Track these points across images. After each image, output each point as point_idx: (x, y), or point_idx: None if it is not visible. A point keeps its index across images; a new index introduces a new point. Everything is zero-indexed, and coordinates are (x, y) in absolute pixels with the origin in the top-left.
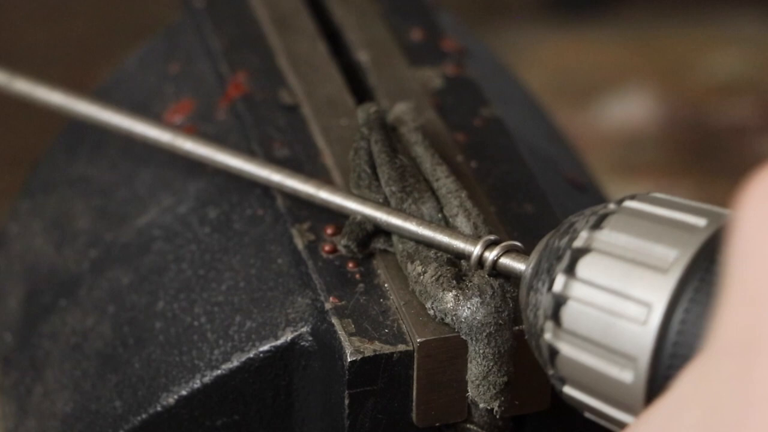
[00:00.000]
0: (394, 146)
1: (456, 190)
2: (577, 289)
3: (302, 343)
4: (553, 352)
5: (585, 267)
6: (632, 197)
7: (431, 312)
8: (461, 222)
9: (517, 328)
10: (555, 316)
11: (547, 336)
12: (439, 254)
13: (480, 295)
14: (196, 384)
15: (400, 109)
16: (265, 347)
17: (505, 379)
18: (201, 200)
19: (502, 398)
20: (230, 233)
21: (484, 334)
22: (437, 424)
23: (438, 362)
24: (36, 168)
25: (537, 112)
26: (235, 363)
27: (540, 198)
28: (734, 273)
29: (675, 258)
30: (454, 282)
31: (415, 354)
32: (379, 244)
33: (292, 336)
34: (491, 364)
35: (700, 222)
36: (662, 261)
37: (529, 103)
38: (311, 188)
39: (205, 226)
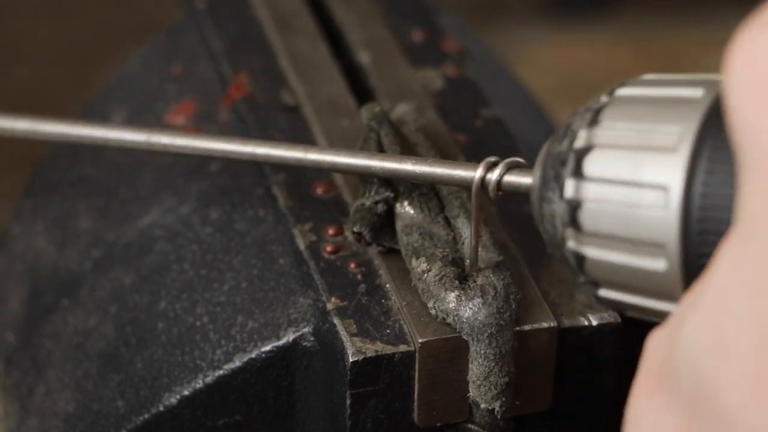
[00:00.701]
0: (404, 142)
1: (457, 191)
2: (589, 190)
3: (304, 344)
4: (580, 258)
5: (591, 165)
6: (622, 84)
7: (433, 312)
8: (462, 223)
9: (517, 328)
10: (573, 221)
11: (570, 244)
12: (444, 252)
13: (482, 296)
14: (198, 384)
15: (401, 110)
16: (267, 347)
17: (506, 379)
18: (203, 201)
19: (503, 398)
20: (232, 233)
21: (486, 334)
22: (438, 424)
23: (439, 362)
24: (38, 168)
25: (537, 112)
26: (237, 363)
27: None
28: (745, 145)
29: (680, 134)
30: (457, 282)
31: (417, 354)
32: (385, 241)
33: (294, 336)
34: (492, 364)
35: (697, 93)
36: (668, 140)
37: (530, 103)
38: (298, 153)
39: (206, 226)
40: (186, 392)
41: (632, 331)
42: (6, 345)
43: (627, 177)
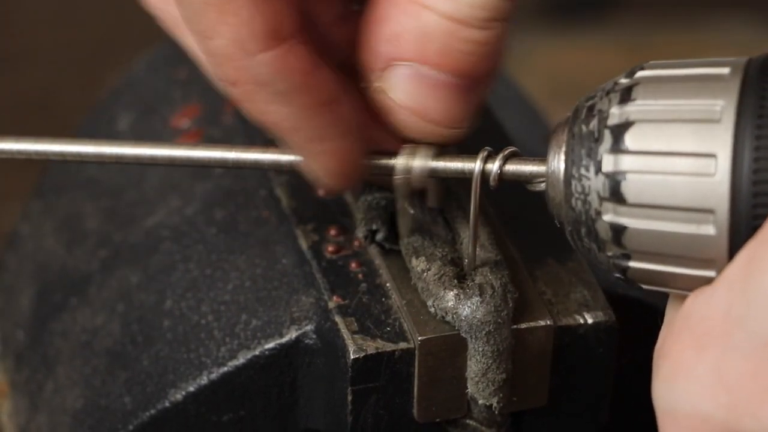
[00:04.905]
0: None
1: (455, 192)
2: (632, 162)
3: (306, 341)
4: (618, 230)
5: (633, 139)
6: (641, 68)
7: (432, 310)
8: (461, 223)
9: (515, 326)
10: (615, 194)
11: (608, 217)
12: (444, 252)
13: (480, 295)
14: (203, 380)
15: None
16: (271, 345)
17: (504, 376)
18: (207, 202)
19: (501, 395)
20: (236, 234)
21: (484, 332)
22: (437, 420)
23: (438, 360)
24: (47, 170)
25: (534, 115)
26: (241, 360)
27: (537, 199)
28: None
29: (723, 106)
30: (456, 281)
31: (416, 352)
32: (387, 242)
33: (297, 334)
34: (490, 361)
35: (723, 70)
36: (711, 112)
37: (525, 106)
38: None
39: (211, 226)
40: (191, 388)
41: (626, 330)
42: (16, 342)
43: (671, 148)
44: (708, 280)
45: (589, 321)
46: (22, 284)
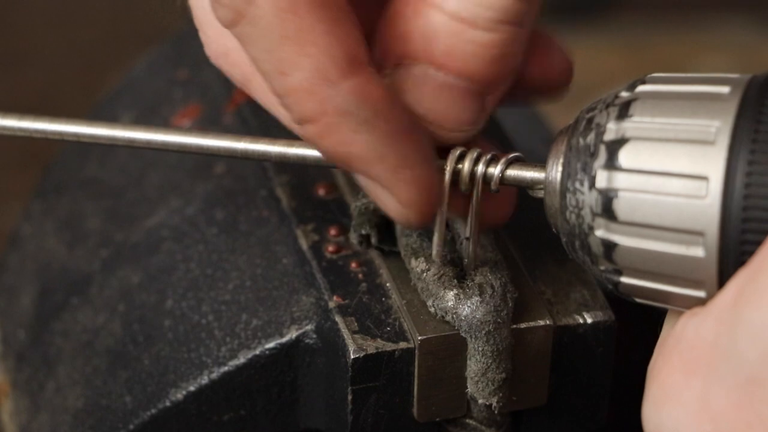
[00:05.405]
0: None
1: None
2: (625, 180)
3: (307, 341)
4: (609, 246)
5: (627, 156)
6: (642, 81)
7: (432, 310)
8: (461, 224)
9: (514, 326)
10: (607, 211)
11: (600, 232)
12: (444, 252)
13: (480, 294)
14: (204, 380)
15: None
16: (271, 344)
17: (503, 375)
18: (208, 202)
19: (500, 394)
20: (237, 234)
21: (483, 332)
22: (437, 419)
23: (438, 359)
24: (48, 170)
25: (534, 116)
26: (241, 360)
27: (537, 200)
28: None
29: (718, 127)
30: (455, 281)
31: (416, 351)
32: (385, 245)
33: (297, 334)
34: (490, 361)
35: (723, 89)
36: (706, 133)
37: (526, 107)
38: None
39: (212, 226)
40: (192, 388)
41: (625, 330)
42: (17, 342)
43: (664, 168)
44: (699, 300)
45: (589, 321)
46: (23, 284)
